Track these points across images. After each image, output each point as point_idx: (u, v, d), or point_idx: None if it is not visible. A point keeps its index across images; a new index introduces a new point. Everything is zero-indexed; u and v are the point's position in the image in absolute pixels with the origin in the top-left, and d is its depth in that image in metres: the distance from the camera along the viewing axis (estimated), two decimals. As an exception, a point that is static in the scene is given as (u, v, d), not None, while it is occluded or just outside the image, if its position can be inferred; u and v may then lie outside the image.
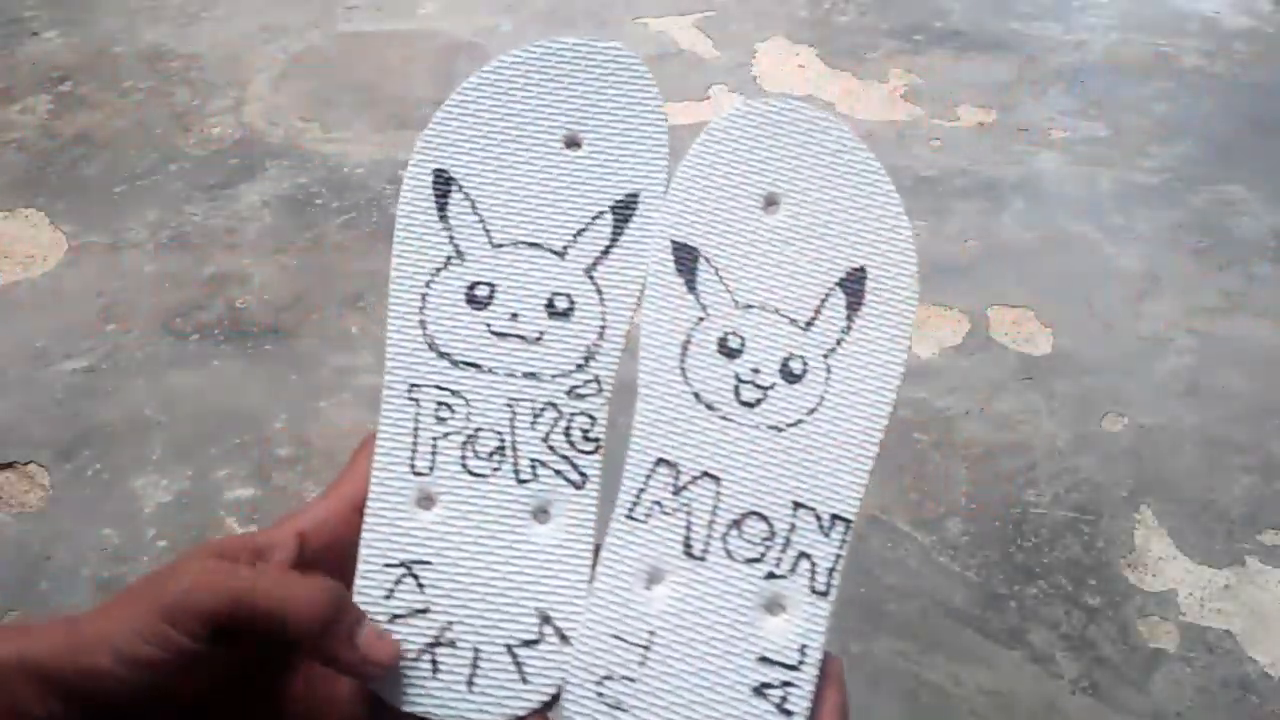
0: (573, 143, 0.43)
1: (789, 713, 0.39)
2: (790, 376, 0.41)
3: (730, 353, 0.41)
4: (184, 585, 0.34)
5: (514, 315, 0.41)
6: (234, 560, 0.36)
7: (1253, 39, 2.00)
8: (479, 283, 0.41)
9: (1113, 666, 0.96)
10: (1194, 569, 1.04)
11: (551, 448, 0.41)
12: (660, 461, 0.40)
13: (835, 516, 0.40)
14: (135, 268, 1.36)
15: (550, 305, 0.41)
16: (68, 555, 1.02)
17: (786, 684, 0.39)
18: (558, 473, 0.41)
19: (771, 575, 0.40)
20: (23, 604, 0.98)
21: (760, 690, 0.39)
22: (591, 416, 0.41)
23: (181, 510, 1.07)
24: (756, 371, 0.41)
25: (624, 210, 0.42)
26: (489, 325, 0.41)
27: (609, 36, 0.44)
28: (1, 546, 1.02)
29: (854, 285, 0.42)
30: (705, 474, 0.40)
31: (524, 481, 0.41)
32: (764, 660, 0.39)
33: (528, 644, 0.39)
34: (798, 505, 0.40)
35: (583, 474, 0.41)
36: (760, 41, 1.90)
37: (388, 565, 0.40)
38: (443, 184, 0.42)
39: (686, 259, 0.42)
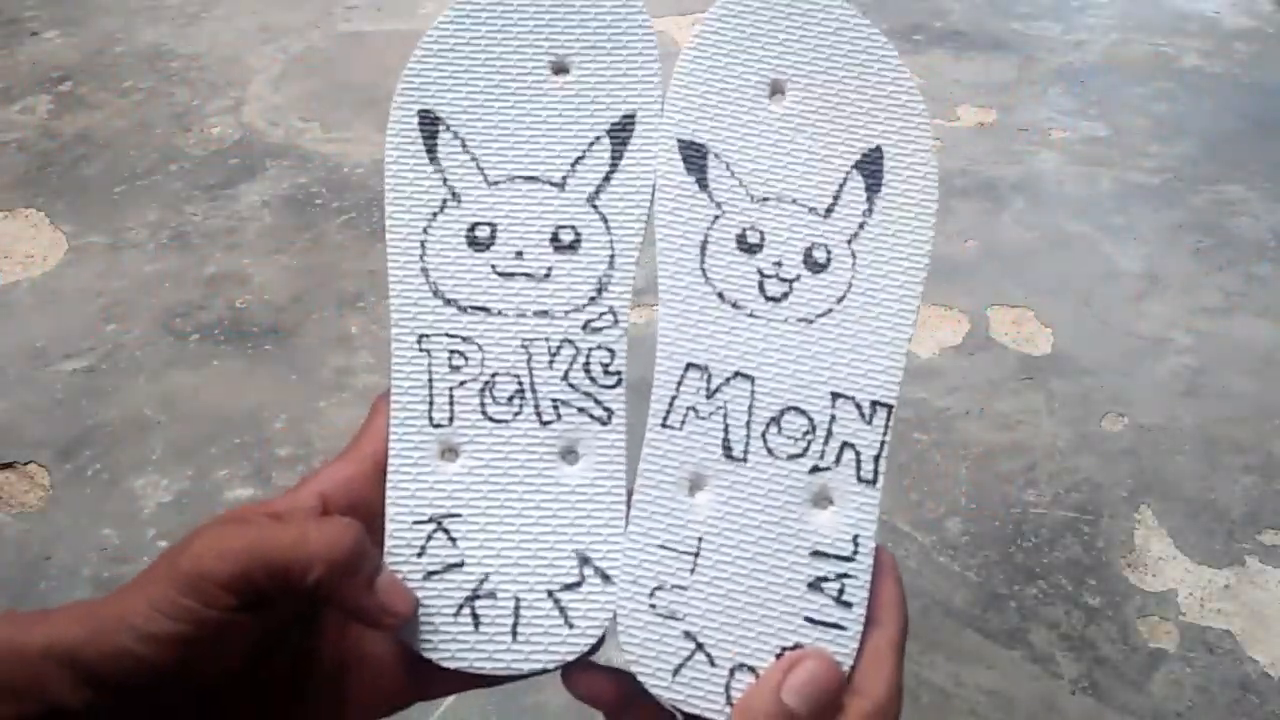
0: (560, 69, 0.41)
1: (848, 604, 0.38)
2: (815, 266, 0.40)
3: (750, 248, 0.40)
4: (198, 553, 0.33)
5: (519, 253, 0.40)
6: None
7: (1253, 39, 2.00)
8: (479, 223, 0.40)
9: (1113, 666, 0.96)
10: (1194, 569, 1.04)
11: (572, 385, 0.39)
12: (690, 366, 0.39)
13: (875, 403, 0.39)
14: (135, 268, 1.36)
15: (555, 239, 0.40)
16: (68, 555, 1.02)
17: (843, 575, 0.38)
18: (581, 410, 0.39)
19: (816, 469, 0.39)
20: (23, 604, 0.98)
21: (816, 584, 0.38)
22: (610, 350, 0.40)
23: (181, 510, 1.07)
24: (779, 265, 0.40)
25: (621, 133, 0.40)
26: (494, 266, 0.40)
27: None
28: (1, 546, 1.02)
29: (871, 166, 0.41)
30: (738, 374, 0.39)
31: (547, 423, 0.39)
32: (817, 554, 0.38)
33: (569, 587, 0.38)
34: (836, 396, 0.39)
35: (607, 409, 0.39)
36: (760, 41, 1.90)
37: (417, 522, 0.38)
38: (429, 124, 0.40)
39: (695, 157, 0.40)
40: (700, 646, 0.38)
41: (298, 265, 1.38)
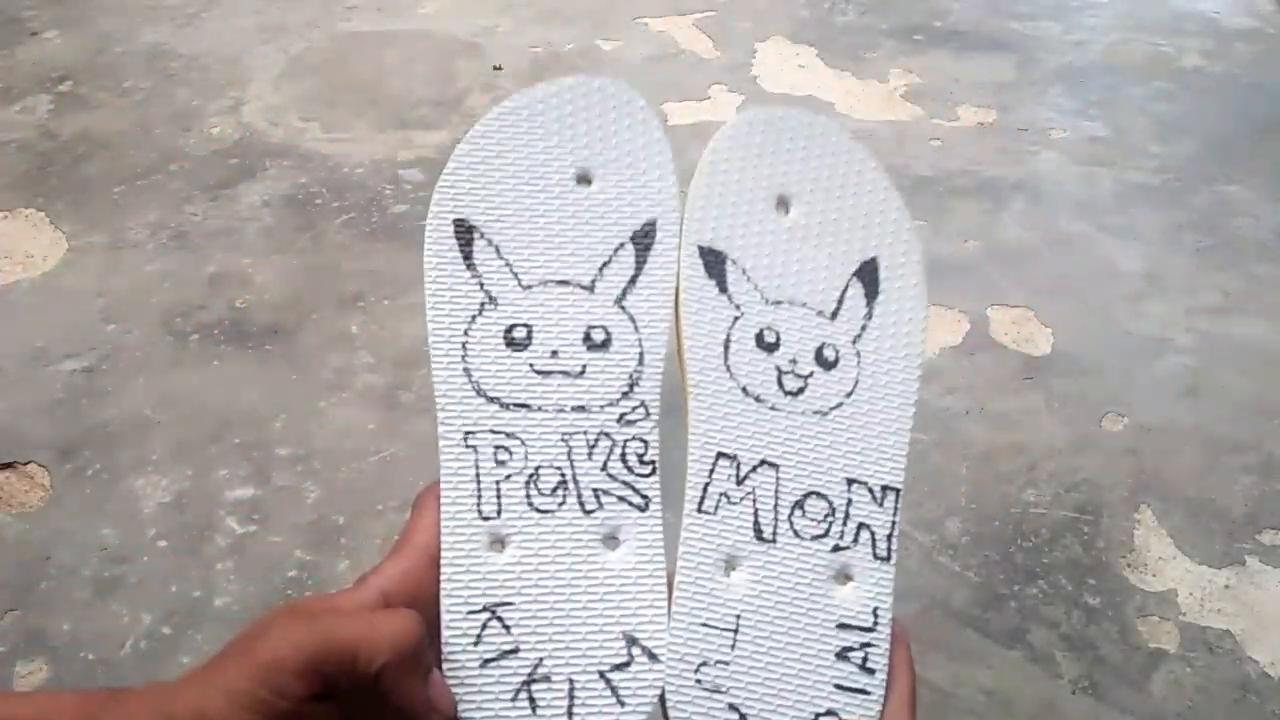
0: (584, 179, 0.44)
1: (871, 670, 0.42)
2: (825, 364, 0.44)
3: (768, 347, 0.43)
4: (272, 644, 0.34)
5: (554, 352, 0.42)
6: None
7: (1253, 39, 2.00)
8: (515, 325, 0.42)
9: (1113, 666, 0.96)
10: (1194, 569, 1.04)
11: (611, 475, 0.42)
12: (720, 455, 0.42)
13: (885, 487, 0.43)
14: (135, 268, 1.36)
15: (588, 338, 0.43)
16: (68, 555, 1.02)
17: (866, 645, 0.42)
18: (621, 499, 0.42)
19: (837, 548, 0.42)
20: (23, 604, 0.98)
21: (843, 654, 0.42)
22: (644, 440, 0.42)
23: (181, 510, 1.07)
24: (795, 362, 0.43)
25: (644, 239, 0.44)
26: (531, 365, 0.42)
27: (606, 76, 0.45)
28: (1, 546, 1.02)
29: (869, 275, 0.45)
30: (764, 462, 0.43)
31: (590, 511, 0.42)
32: (843, 626, 0.42)
33: (619, 667, 0.41)
34: (851, 481, 0.43)
35: (645, 496, 0.42)
36: (760, 41, 1.90)
37: (471, 612, 0.40)
38: (464, 233, 0.43)
39: (715, 262, 0.44)
40: (744, 717, 0.41)
41: (298, 265, 1.38)
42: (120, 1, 1.96)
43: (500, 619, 0.40)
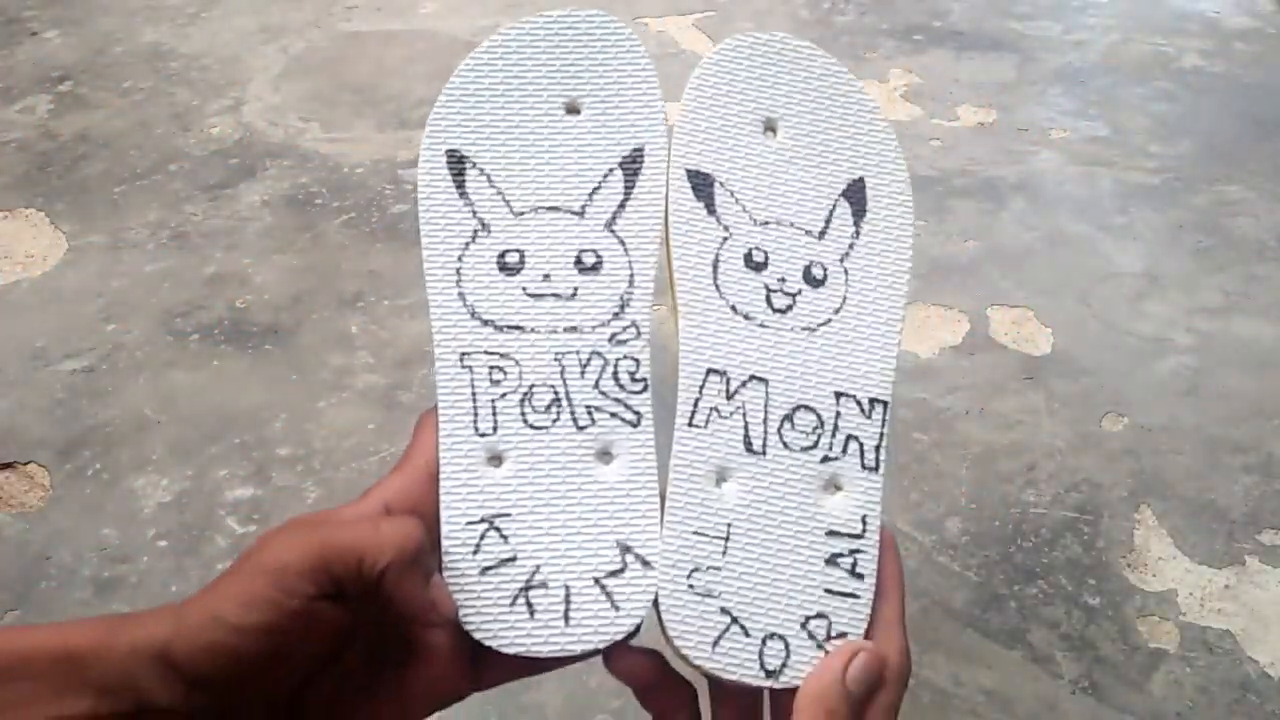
0: (573, 109, 0.45)
1: (860, 575, 0.43)
2: (813, 282, 0.45)
3: (756, 266, 0.45)
4: (278, 548, 0.35)
5: (546, 276, 0.44)
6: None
7: (1253, 39, 2.00)
8: (508, 250, 0.44)
9: (1113, 666, 0.96)
10: (1194, 569, 1.05)
11: (603, 393, 0.43)
12: (710, 371, 0.43)
13: (873, 400, 0.45)
14: (135, 268, 1.36)
15: (579, 262, 0.44)
16: (68, 555, 1.02)
17: (854, 551, 0.43)
18: (613, 415, 0.43)
19: (826, 459, 0.44)
20: (23, 604, 0.98)
21: (832, 560, 0.43)
22: (635, 359, 0.44)
23: (181, 510, 1.07)
24: (783, 280, 0.45)
25: (632, 165, 0.45)
26: (524, 288, 0.44)
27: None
28: (1, 546, 1.03)
29: (856, 195, 0.46)
30: (753, 377, 0.44)
31: (583, 428, 0.43)
32: (831, 533, 0.43)
33: (613, 574, 0.42)
34: (839, 394, 0.44)
35: (636, 413, 0.43)
36: (760, 41, 1.90)
37: (470, 523, 0.42)
38: (456, 162, 0.44)
39: (703, 184, 0.45)
40: (735, 620, 0.42)
41: (298, 265, 1.38)
42: (120, 1, 1.96)
43: (498, 529, 0.42)
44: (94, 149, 1.57)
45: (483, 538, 0.41)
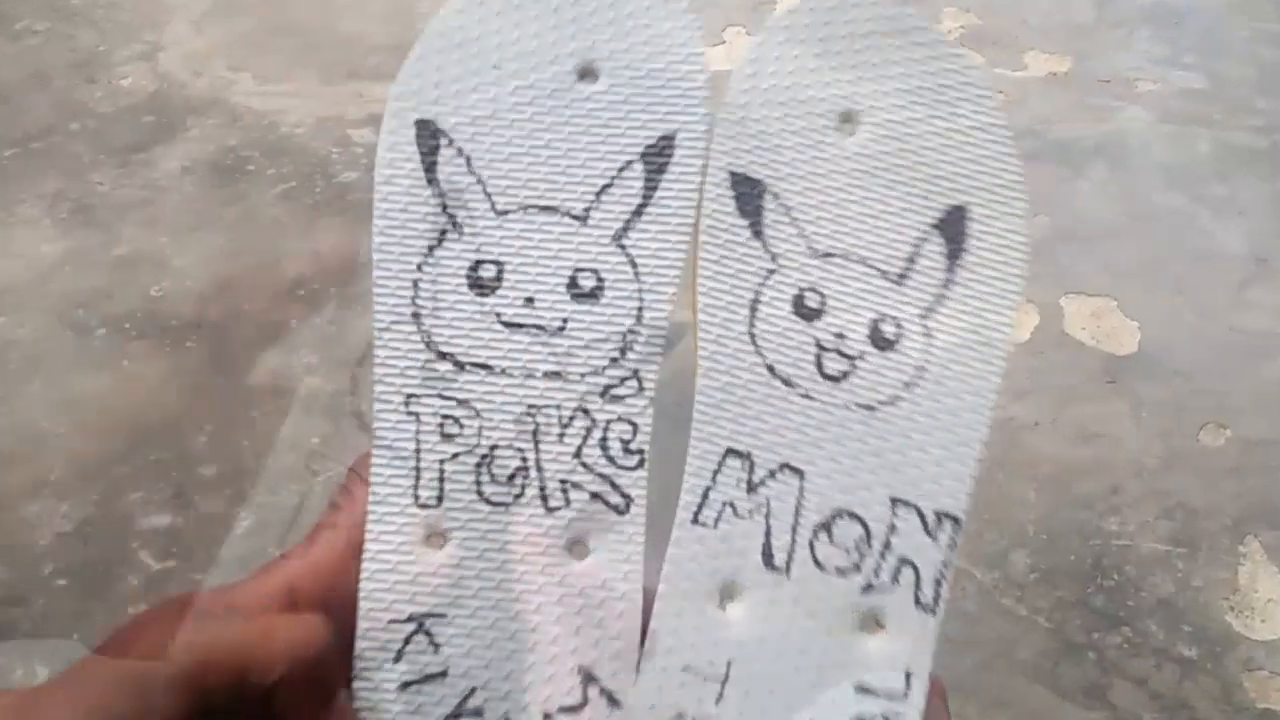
0: (588, 74, 0.41)
1: None
2: (882, 342, 0.40)
3: (809, 314, 0.40)
4: (142, 649, 0.33)
5: (529, 300, 0.40)
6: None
7: (1381, -29, 2.00)
8: (483, 261, 0.40)
9: (1213, 731, 0.96)
10: (1311, 613, 1.05)
11: (585, 465, 0.40)
12: (730, 452, 0.40)
13: (941, 514, 0.40)
14: (29, 248, 1.36)
15: (574, 284, 0.40)
16: (-53, 596, 1.02)
17: (889, 717, 0.39)
18: (595, 495, 0.39)
19: (869, 588, 0.39)
20: (-108, 656, 0.98)
21: None
22: (632, 423, 0.40)
23: (85, 541, 1.07)
24: (841, 337, 0.40)
25: (657, 158, 0.40)
26: (498, 314, 0.40)
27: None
28: None
29: (954, 228, 0.41)
30: (785, 466, 0.40)
31: (554, 509, 0.39)
32: (862, 690, 0.39)
33: (569, 710, 0.39)
34: (896, 501, 0.40)
35: (626, 496, 0.39)
36: (785, -26, 1.91)
37: (393, 621, 0.39)
38: (428, 138, 0.40)
39: (750, 195, 0.40)
40: None
41: (225, 245, 1.38)
42: (11, -75, 1.96)
43: (428, 633, 0.39)
44: (-21, 104, 1.57)
45: (407, 642, 0.38)
